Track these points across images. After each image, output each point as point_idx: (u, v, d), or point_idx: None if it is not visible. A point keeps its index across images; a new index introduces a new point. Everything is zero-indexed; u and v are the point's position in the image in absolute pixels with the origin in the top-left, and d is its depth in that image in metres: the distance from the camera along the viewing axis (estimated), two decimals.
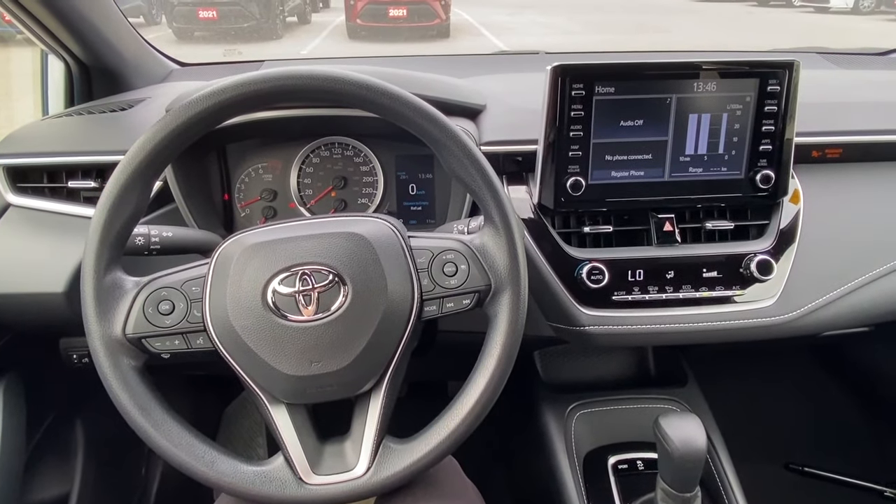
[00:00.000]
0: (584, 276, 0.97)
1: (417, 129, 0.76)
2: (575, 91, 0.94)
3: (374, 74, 1.08)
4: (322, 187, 1.15)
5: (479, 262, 0.78)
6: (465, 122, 1.05)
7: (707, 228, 1.03)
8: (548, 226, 1.01)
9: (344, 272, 0.73)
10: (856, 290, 1.03)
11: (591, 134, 0.97)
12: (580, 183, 0.98)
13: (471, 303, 0.78)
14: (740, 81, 0.97)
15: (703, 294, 1.00)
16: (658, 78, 0.96)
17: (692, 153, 0.99)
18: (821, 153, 1.09)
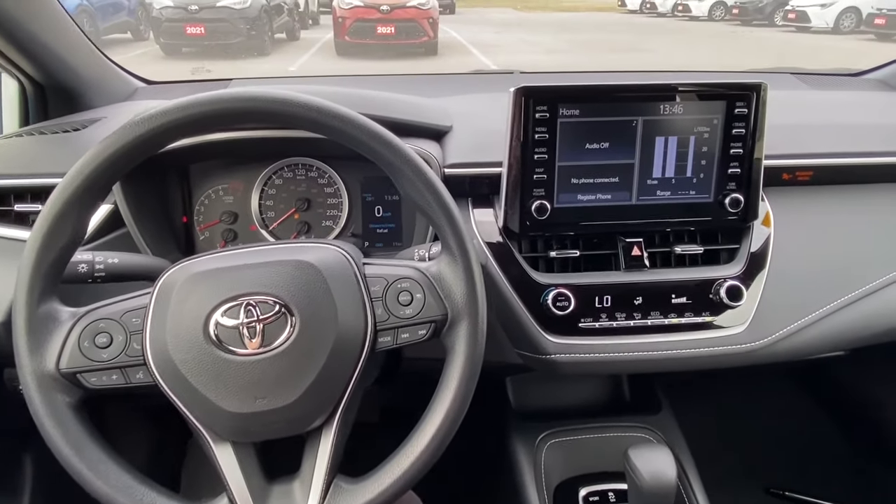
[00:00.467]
0: (549, 302, 0.94)
1: (370, 153, 0.73)
2: (539, 113, 0.92)
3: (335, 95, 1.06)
4: (285, 209, 1.12)
5: (436, 290, 0.75)
6: (429, 144, 1.03)
7: (676, 253, 1.00)
8: (514, 250, 0.98)
9: (291, 303, 0.69)
10: (828, 315, 1.01)
11: (557, 157, 0.94)
12: (545, 207, 0.95)
13: (427, 333, 0.75)
14: (707, 104, 0.95)
15: (672, 321, 0.97)
16: (623, 100, 0.94)
17: (659, 176, 0.97)
18: (791, 176, 1.07)
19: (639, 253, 0.98)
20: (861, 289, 1.03)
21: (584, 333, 0.96)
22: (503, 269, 0.97)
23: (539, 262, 1.00)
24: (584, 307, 0.95)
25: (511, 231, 0.97)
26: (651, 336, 0.97)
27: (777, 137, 1.06)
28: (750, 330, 0.98)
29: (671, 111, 0.94)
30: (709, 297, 0.97)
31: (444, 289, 0.75)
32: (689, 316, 0.97)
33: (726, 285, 0.96)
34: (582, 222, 0.98)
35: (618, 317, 0.96)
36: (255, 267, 0.71)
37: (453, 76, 1.79)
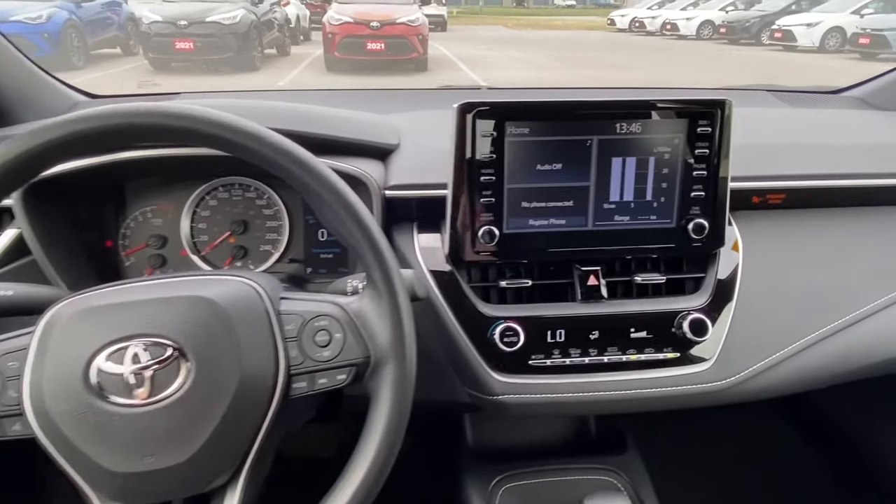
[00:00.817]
0: (496, 337, 0.85)
1: (283, 173, 0.66)
2: (484, 131, 0.85)
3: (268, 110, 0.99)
4: (219, 233, 1.04)
5: (357, 330, 0.67)
6: (369, 164, 0.95)
7: (636, 282, 0.93)
8: (460, 280, 0.90)
9: (186, 346, 0.61)
10: (803, 350, 0.93)
11: (505, 179, 0.87)
12: (493, 232, 0.87)
13: (347, 378, 0.67)
14: (667, 122, 0.88)
15: (631, 357, 0.89)
16: (576, 118, 0.87)
17: (617, 200, 0.90)
18: (762, 199, 1.00)
19: (596, 282, 0.91)
20: (839, 320, 0.96)
21: (534, 371, 0.87)
22: (448, 301, 0.89)
23: (490, 293, 0.92)
24: (535, 342, 0.87)
25: (458, 259, 0.89)
26: (607, 374, 0.89)
27: (746, 157, 0.99)
28: (716, 367, 0.90)
29: (628, 130, 0.87)
30: (671, 331, 0.89)
31: (366, 328, 0.67)
32: (650, 352, 0.89)
33: (690, 318, 0.88)
34: (534, 249, 0.90)
35: (571, 353, 0.88)
36: (147, 304, 0.63)
37: (424, 91, 1.72)
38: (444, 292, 0.89)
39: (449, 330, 0.88)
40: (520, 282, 0.91)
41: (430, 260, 0.91)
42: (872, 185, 1.02)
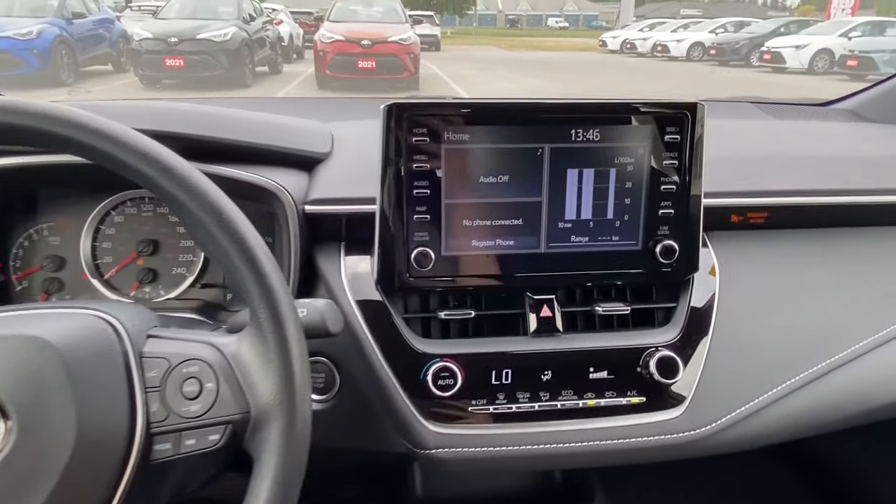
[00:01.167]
0: (429, 379, 0.72)
1: (145, 181, 0.54)
2: (417, 138, 0.72)
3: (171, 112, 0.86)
4: (125, 253, 0.91)
5: (235, 378, 0.54)
6: (289, 174, 0.83)
7: (597, 313, 0.80)
8: (391, 310, 0.77)
9: (6, 400, 0.48)
10: (790, 394, 0.81)
11: (443, 192, 0.75)
12: (429, 255, 0.75)
13: (221, 439, 0.54)
14: (630, 129, 0.76)
15: (589, 403, 0.76)
16: (524, 122, 0.75)
17: (573, 218, 0.78)
18: (742, 218, 0.88)
19: (549, 313, 0.78)
20: (832, 357, 0.83)
21: (474, 420, 0.74)
22: (375, 335, 0.76)
23: (431, 326, 0.79)
24: (476, 385, 0.74)
25: (389, 286, 0.77)
26: (561, 423, 0.75)
27: (723, 171, 0.87)
28: (689, 415, 0.77)
29: (585, 137, 0.75)
30: (636, 371, 0.77)
31: (245, 376, 0.54)
32: (611, 396, 0.76)
33: (658, 356, 0.75)
34: (477, 275, 0.77)
35: (519, 398, 0.75)
36: None
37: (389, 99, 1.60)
38: (371, 325, 0.76)
39: (375, 370, 0.75)
40: (461, 313, 0.78)
41: (357, 287, 0.78)
42: (868, 202, 0.90)
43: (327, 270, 0.80)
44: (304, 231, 0.79)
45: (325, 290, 0.80)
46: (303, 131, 0.90)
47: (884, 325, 0.85)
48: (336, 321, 0.67)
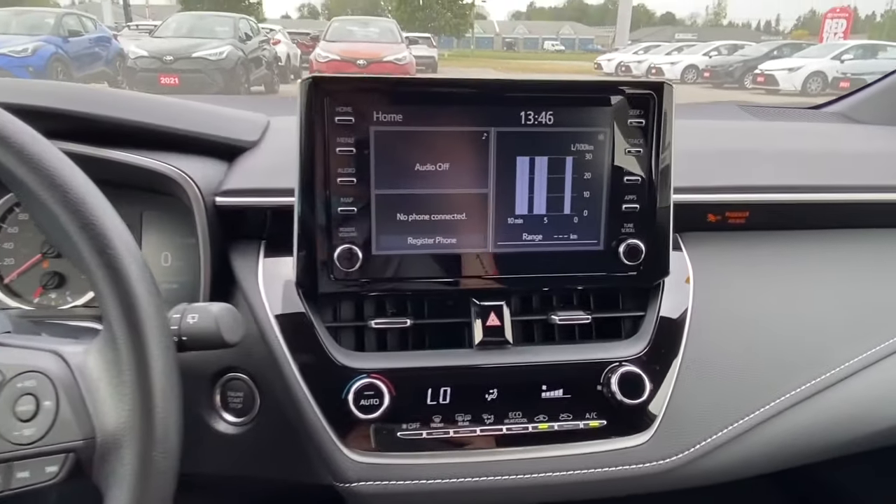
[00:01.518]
0: (350, 399, 0.62)
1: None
2: (341, 118, 0.63)
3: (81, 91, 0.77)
4: (29, 255, 0.80)
5: (79, 395, 0.44)
6: (203, 163, 0.73)
7: (554, 323, 0.70)
8: (312, 318, 0.67)
9: None
10: (774, 417, 0.70)
11: (372, 182, 0.65)
12: (356, 254, 0.65)
13: (60, 470, 0.44)
14: (588, 112, 0.67)
15: (541, 427, 0.65)
16: (466, 102, 0.65)
17: (525, 213, 0.68)
18: (720, 217, 0.79)
19: (497, 322, 0.68)
20: (822, 375, 0.73)
21: (403, 449, 0.63)
22: (291, 346, 0.65)
23: (361, 337, 0.69)
24: (407, 406, 0.64)
25: (312, 290, 0.67)
26: (507, 451, 0.65)
27: (699, 165, 0.78)
28: (657, 441, 0.66)
29: (537, 121, 0.66)
30: (596, 389, 0.66)
31: (92, 393, 0.44)
32: (566, 419, 0.66)
33: (620, 372, 0.65)
34: (413, 278, 0.67)
35: (458, 421, 0.64)
36: None
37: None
38: (288, 335, 0.66)
39: (292, 388, 0.64)
40: (394, 321, 0.68)
41: (274, 291, 0.68)
42: (861, 200, 0.80)
43: (242, 272, 0.70)
44: (216, 227, 0.69)
45: (241, 296, 0.70)
46: (228, 119, 0.81)
47: (881, 339, 0.75)
48: (233, 329, 0.57)
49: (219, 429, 0.72)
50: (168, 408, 0.44)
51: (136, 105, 0.74)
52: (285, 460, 0.69)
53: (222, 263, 0.72)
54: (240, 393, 0.72)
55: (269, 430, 0.70)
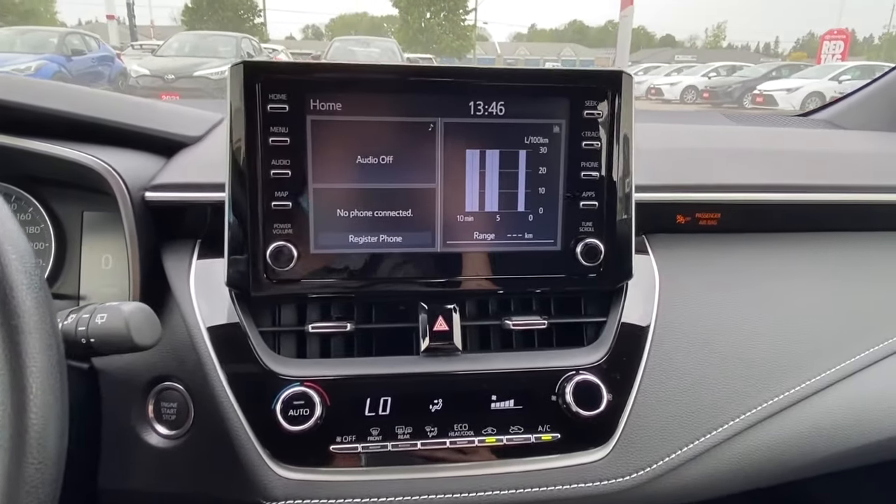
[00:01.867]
0: (277, 409, 0.57)
1: None
2: (274, 105, 0.59)
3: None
4: None
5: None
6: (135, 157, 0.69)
7: (509, 329, 0.65)
8: (243, 321, 0.62)
9: None
10: (742, 433, 0.64)
11: (310, 175, 0.60)
12: (290, 252, 0.60)
13: None
14: (542, 102, 0.62)
15: (488, 441, 0.60)
16: (411, 91, 0.61)
17: (475, 210, 0.63)
18: (689, 218, 0.74)
19: (445, 327, 0.63)
20: (798, 386, 0.68)
21: (337, 464, 0.58)
22: (220, 352, 0.60)
23: (302, 344, 0.64)
24: (342, 418, 0.58)
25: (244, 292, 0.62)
26: (451, 467, 0.59)
27: (668, 163, 0.74)
28: (616, 457, 0.61)
29: (486, 111, 0.62)
30: (550, 400, 0.61)
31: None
32: (517, 432, 0.60)
33: (576, 381, 0.60)
34: (355, 279, 0.62)
35: (399, 434, 0.59)
36: None
37: None
38: (216, 339, 0.61)
39: (219, 397, 0.59)
40: (334, 325, 0.63)
41: (205, 293, 0.63)
42: (839, 201, 0.76)
43: (173, 273, 0.65)
44: (148, 225, 0.65)
45: (172, 298, 0.65)
46: (171, 113, 0.77)
47: (859, 349, 0.70)
48: (145, 330, 0.52)
49: (150, 441, 0.67)
50: (46, 413, 0.39)
51: (66, 96, 0.70)
52: (216, 476, 0.64)
53: (155, 265, 0.68)
54: (173, 404, 0.67)
55: (202, 443, 0.65)
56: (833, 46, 17.75)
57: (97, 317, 0.52)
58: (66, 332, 0.53)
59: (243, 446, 0.58)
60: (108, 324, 0.51)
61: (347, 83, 0.60)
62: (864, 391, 0.68)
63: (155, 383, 0.67)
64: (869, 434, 0.66)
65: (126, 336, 0.51)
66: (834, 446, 0.66)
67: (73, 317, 0.54)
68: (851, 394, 0.67)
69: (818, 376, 0.67)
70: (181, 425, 0.66)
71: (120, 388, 0.67)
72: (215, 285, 0.64)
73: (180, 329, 0.65)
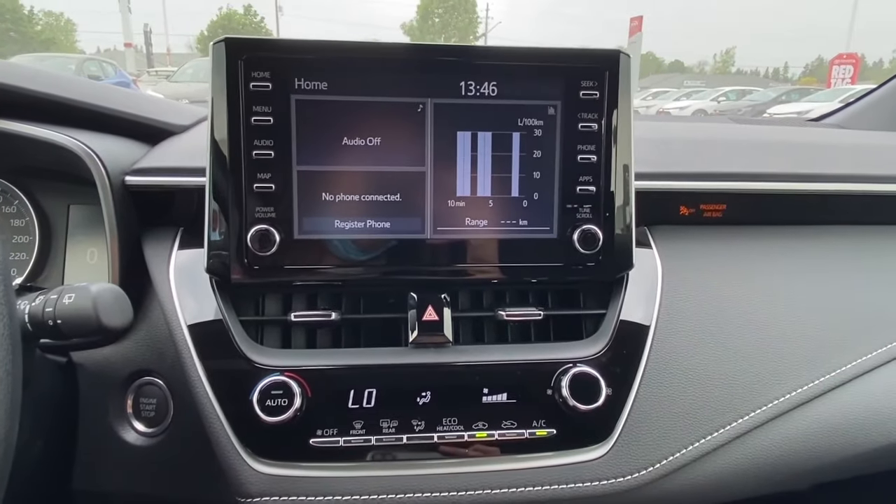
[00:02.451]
0: (254, 399, 0.53)
1: None
2: (257, 83, 0.57)
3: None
4: None
5: None
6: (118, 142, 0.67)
7: (503, 319, 0.61)
8: (223, 309, 0.59)
9: None
10: (749, 433, 0.60)
11: (294, 156, 0.58)
12: (271, 236, 0.57)
13: None
14: (536, 82, 0.60)
15: (478, 436, 0.56)
16: (399, 70, 0.59)
17: (467, 195, 0.61)
18: (694, 210, 0.71)
19: (435, 317, 0.59)
20: (805, 386, 0.64)
21: (317, 458, 0.55)
22: (198, 341, 0.58)
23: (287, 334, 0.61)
24: (323, 409, 0.55)
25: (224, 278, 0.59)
26: (438, 464, 0.56)
27: (671, 151, 0.71)
28: (615, 456, 0.57)
29: (478, 91, 0.59)
30: (545, 394, 0.57)
31: None
32: (510, 427, 0.56)
33: (573, 373, 0.56)
34: (340, 266, 0.59)
35: (383, 427, 0.56)
36: None
37: None
38: (195, 329, 0.58)
39: (196, 389, 0.56)
40: (318, 314, 0.60)
41: (184, 280, 0.61)
42: (850, 191, 0.72)
43: (153, 262, 0.63)
44: (129, 211, 0.63)
45: (152, 288, 0.63)
46: (161, 103, 0.75)
47: (871, 347, 0.65)
48: (114, 311, 0.49)
49: (127, 439, 0.64)
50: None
51: (50, 80, 0.69)
52: (191, 475, 0.61)
53: (136, 253, 0.65)
54: (153, 399, 0.64)
55: (179, 440, 0.62)
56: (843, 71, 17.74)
57: (65, 297, 0.50)
58: (34, 314, 0.51)
59: (219, 440, 0.55)
60: (75, 303, 0.49)
61: (334, 62, 0.58)
62: (881, 389, 0.63)
63: (134, 378, 0.64)
64: (889, 433, 0.62)
65: (93, 316, 0.48)
66: (850, 447, 0.62)
67: (41, 298, 0.51)
68: (867, 391, 0.63)
69: (830, 373, 0.63)
70: (160, 422, 0.63)
71: (98, 382, 0.65)
72: (196, 274, 0.61)
73: (159, 320, 0.63)
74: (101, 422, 0.64)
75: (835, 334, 0.66)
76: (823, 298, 0.68)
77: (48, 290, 0.52)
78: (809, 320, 0.66)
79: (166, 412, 0.63)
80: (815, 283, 0.69)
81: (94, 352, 0.65)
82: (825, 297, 0.68)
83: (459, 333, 0.62)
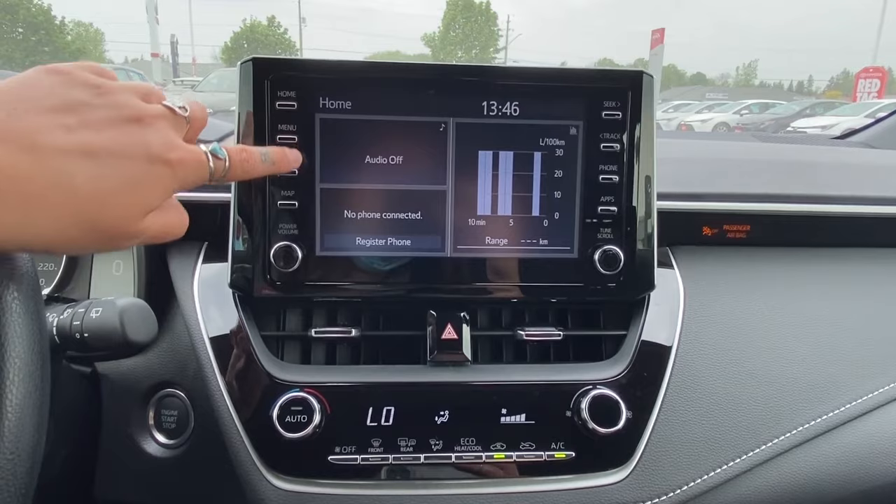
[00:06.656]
0: (274, 415, 0.54)
1: None
2: (283, 103, 0.58)
3: None
4: None
5: None
6: None
7: (522, 339, 0.61)
8: (245, 324, 0.60)
9: None
10: (774, 458, 0.59)
11: (317, 175, 0.59)
12: (294, 252, 0.58)
13: None
14: (559, 102, 0.60)
15: (496, 457, 0.56)
16: (422, 90, 0.60)
17: (487, 214, 0.61)
18: (717, 231, 0.70)
19: (454, 336, 0.60)
20: (834, 412, 0.62)
21: (334, 475, 0.55)
22: (219, 354, 0.58)
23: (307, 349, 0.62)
24: (342, 426, 0.55)
25: (247, 294, 0.60)
26: (456, 485, 0.55)
27: (693, 171, 0.70)
28: (636, 479, 0.56)
29: (500, 111, 0.60)
30: (564, 415, 0.57)
31: None
32: (528, 449, 0.56)
33: (592, 395, 0.56)
34: (361, 283, 0.60)
35: (401, 446, 0.56)
36: None
37: None
38: (216, 342, 0.59)
39: (217, 403, 0.57)
40: (338, 331, 0.60)
41: (208, 294, 0.62)
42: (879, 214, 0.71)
43: (178, 276, 0.64)
44: None
45: (176, 302, 0.64)
46: None
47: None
48: (140, 326, 0.50)
49: (148, 450, 0.64)
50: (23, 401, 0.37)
51: None
52: (211, 487, 0.61)
53: (161, 267, 0.67)
54: (174, 411, 0.65)
55: (199, 453, 0.63)
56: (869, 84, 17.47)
57: (92, 311, 0.51)
58: (62, 327, 0.52)
59: (238, 454, 0.55)
60: (102, 318, 0.50)
61: (358, 81, 0.59)
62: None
63: (156, 390, 0.66)
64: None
65: (119, 331, 0.49)
66: (879, 476, 0.60)
67: (69, 311, 0.52)
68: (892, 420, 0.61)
69: (857, 400, 0.62)
70: (181, 434, 0.64)
71: (121, 393, 0.66)
72: (219, 288, 0.62)
73: (182, 333, 0.64)
74: (123, 432, 0.65)
75: (862, 360, 0.64)
76: (849, 322, 0.67)
77: (76, 304, 0.53)
78: (835, 345, 0.65)
79: (187, 424, 0.64)
80: (840, 307, 0.68)
81: (117, 363, 0.66)
82: (851, 322, 0.67)
83: (478, 352, 0.62)
